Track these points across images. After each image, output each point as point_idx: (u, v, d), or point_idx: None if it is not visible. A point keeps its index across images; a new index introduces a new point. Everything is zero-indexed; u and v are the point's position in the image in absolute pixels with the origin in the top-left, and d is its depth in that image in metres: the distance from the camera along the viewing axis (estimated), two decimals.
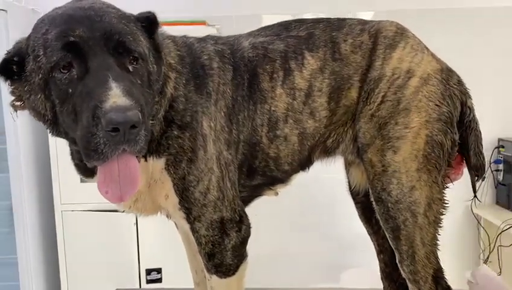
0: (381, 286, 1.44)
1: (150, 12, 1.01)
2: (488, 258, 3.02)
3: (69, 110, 0.89)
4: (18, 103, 1.03)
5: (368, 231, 1.42)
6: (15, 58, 0.95)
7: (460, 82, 1.18)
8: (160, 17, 1.03)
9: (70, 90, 0.89)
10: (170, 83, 1.06)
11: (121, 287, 1.72)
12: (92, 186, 2.99)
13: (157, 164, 1.07)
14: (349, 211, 1.43)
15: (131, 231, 2.80)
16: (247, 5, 3.15)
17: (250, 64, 1.16)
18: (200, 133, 1.07)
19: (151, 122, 0.99)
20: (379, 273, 1.44)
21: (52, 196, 2.78)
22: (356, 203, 1.39)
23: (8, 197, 2.68)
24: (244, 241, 1.14)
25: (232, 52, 1.17)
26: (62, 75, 0.89)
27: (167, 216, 1.23)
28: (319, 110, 1.18)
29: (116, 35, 0.90)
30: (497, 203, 3.26)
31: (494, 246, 2.96)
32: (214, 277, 1.14)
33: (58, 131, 0.96)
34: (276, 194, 1.27)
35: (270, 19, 3.21)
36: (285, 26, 1.24)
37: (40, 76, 0.91)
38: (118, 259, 2.82)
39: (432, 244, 1.18)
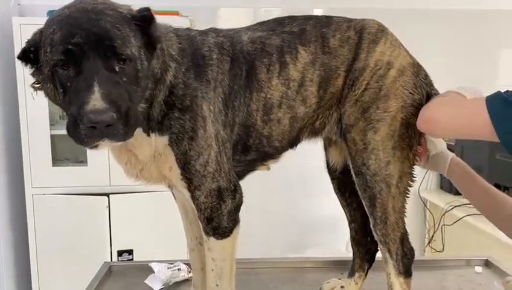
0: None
1: (147, 10, 1.11)
2: (432, 236, 3.36)
3: (66, 101, 1.06)
4: (37, 85, 1.15)
5: (341, 204, 1.60)
6: (32, 48, 1.09)
7: (426, 76, 1.38)
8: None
9: (69, 84, 1.04)
10: (170, 71, 1.19)
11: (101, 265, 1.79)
12: (63, 169, 3.01)
13: (160, 141, 1.21)
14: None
15: (103, 214, 2.84)
16: None
17: (248, 57, 1.29)
18: (200, 115, 1.21)
19: (143, 106, 1.15)
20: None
21: (23, 179, 2.79)
22: (332, 179, 1.57)
23: None
24: (237, 207, 1.29)
25: (232, 45, 1.29)
26: (62, 71, 1.05)
27: (169, 186, 1.36)
28: (310, 98, 1.34)
29: (107, 41, 1.03)
30: (441, 188, 3.61)
31: (438, 226, 3.29)
32: (212, 238, 1.28)
33: None
34: (268, 168, 1.43)
35: (241, 12, 3.38)
36: (279, 22, 1.37)
37: (48, 69, 1.07)
38: (90, 241, 2.86)
39: (401, 212, 1.38)
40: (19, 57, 1.11)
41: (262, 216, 3.34)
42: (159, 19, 1.23)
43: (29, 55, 1.09)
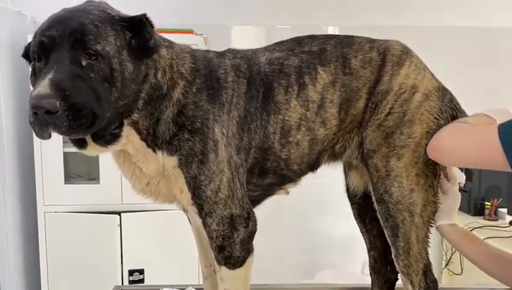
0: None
1: (141, 14, 1.10)
2: (450, 259, 3.26)
3: None
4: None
5: (361, 230, 1.55)
6: (30, 45, 1.12)
7: (451, 99, 1.34)
8: None
9: (38, 76, 1.04)
10: (177, 88, 1.17)
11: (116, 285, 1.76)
12: (75, 187, 3.00)
13: (169, 161, 1.17)
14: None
15: (115, 233, 2.81)
16: (235, 14, 3.25)
17: (266, 79, 1.26)
18: (212, 138, 1.17)
19: (138, 116, 1.13)
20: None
21: (35, 197, 2.77)
22: (352, 204, 1.52)
23: None
24: (251, 236, 1.24)
25: (249, 66, 1.27)
26: (38, 64, 1.06)
27: (184, 210, 1.32)
28: (329, 120, 1.30)
29: (77, 34, 1.02)
30: (458, 208, 3.52)
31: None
32: (224, 268, 1.23)
33: None
34: (287, 193, 1.39)
35: (254, 30, 3.38)
36: (298, 41, 1.34)
37: (32, 63, 1.09)
38: (101, 260, 2.82)
39: (424, 242, 1.33)
40: (22, 55, 1.15)
41: (274, 235, 3.27)
42: (174, 38, 1.24)
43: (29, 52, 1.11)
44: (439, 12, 3.34)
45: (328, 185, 2.48)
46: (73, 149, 2.98)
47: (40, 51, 1.04)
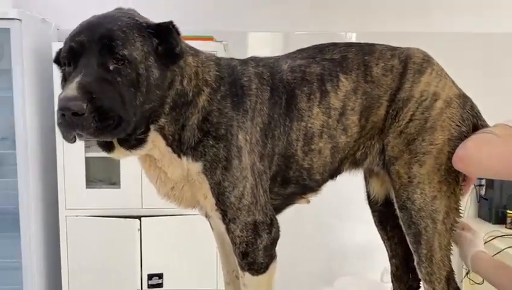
0: None
1: (168, 22, 1.13)
2: None
3: None
4: None
5: (382, 237, 1.55)
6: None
7: (472, 107, 1.33)
8: None
9: (67, 81, 1.07)
10: (203, 95, 1.19)
11: None
12: (96, 191, 3.05)
13: (194, 167, 1.20)
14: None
15: (134, 237, 2.83)
16: (252, 21, 3.27)
17: (288, 86, 1.28)
18: (235, 144, 1.19)
19: (164, 121, 1.15)
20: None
21: (57, 201, 2.81)
22: (373, 211, 1.52)
23: (15, 202, 2.71)
24: (274, 242, 1.26)
25: (271, 74, 1.29)
26: (68, 68, 1.09)
27: (206, 216, 1.33)
28: (351, 127, 1.31)
29: (106, 39, 1.05)
30: (479, 216, 3.47)
31: None
32: (247, 274, 1.25)
33: None
34: (308, 202, 1.40)
35: (272, 37, 3.39)
36: (319, 49, 1.36)
37: (63, 67, 1.12)
38: (120, 264, 2.85)
39: (447, 249, 1.32)
40: (54, 60, 1.18)
41: (292, 242, 3.26)
42: (194, 45, 1.26)
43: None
44: (459, 18, 3.31)
45: (346, 192, 2.47)
46: (95, 154, 3.04)
47: (70, 56, 1.07)
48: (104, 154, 1.19)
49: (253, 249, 1.22)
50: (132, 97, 1.06)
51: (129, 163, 1.30)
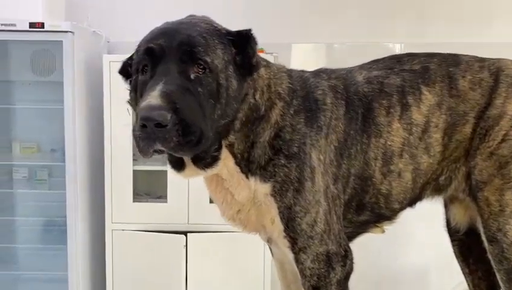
0: None
1: (247, 29, 1.06)
2: None
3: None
4: (130, 102, 1.13)
5: (463, 271, 1.40)
6: (129, 61, 1.09)
7: None
8: None
9: (143, 91, 0.99)
10: (275, 110, 1.11)
11: None
12: (144, 205, 3.01)
13: (262, 188, 1.11)
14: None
15: (180, 253, 2.78)
16: (298, 33, 3.18)
17: (365, 99, 1.18)
18: (308, 164, 1.09)
19: (234, 137, 1.07)
20: None
21: (104, 214, 2.79)
22: (453, 241, 1.38)
23: (62, 214, 2.70)
24: (347, 276, 1.15)
25: (345, 87, 1.19)
26: (141, 77, 1.01)
27: (268, 241, 1.23)
28: (433, 146, 1.18)
29: (186, 46, 0.98)
30: None
31: None
32: None
33: None
34: (383, 231, 1.26)
35: (314, 48, 3.29)
36: (397, 59, 1.25)
37: (134, 77, 1.05)
38: (165, 280, 2.79)
39: None
40: (119, 71, 1.12)
41: None
42: None
43: (127, 69, 1.10)
44: None
45: None
46: (143, 167, 2.98)
47: (149, 59, 0.99)
48: (151, 167, 1.12)
49: (326, 284, 1.11)
50: (212, 110, 0.99)
51: (176, 177, 1.21)
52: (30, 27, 2.45)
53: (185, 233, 2.78)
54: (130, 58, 1.09)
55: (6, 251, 2.96)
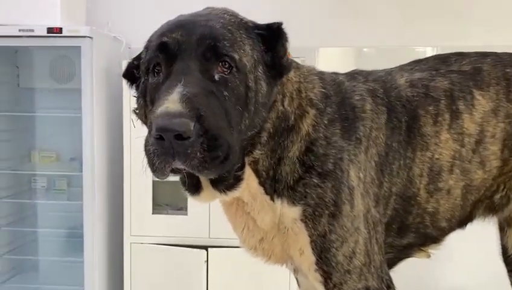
0: None
1: (278, 22, 0.90)
2: None
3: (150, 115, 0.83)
4: (137, 111, 0.97)
5: None
6: (135, 62, 0.94)
7: None
8: None
9: (156, 94, 0.82)
10: (307, 119, 0.95)
11: None
12: (163, 218, 2.91)
13: (290, 212, 0.95)
14: None
15: (201, 269, 2.66)
16: (322, 36, 3.06)
17: (409, 105, 1.01)
18: (347, 184, 0.93)
19: (260, 153, 0.91)
20: None
21: (123, 226, 2.70)
22: (510, 270, 1.19)
23: (79, 225, 2.62)
24: None
25: (386, 91, 1.03)
26: (152, 78, 0.84)
27: (294, 271, 1.07)
28: (490, 160, 1.02)
29: (209, 39, 0.81)
30: None
31: None
32: None
33: None
34: (429, 256, 1.09)
35: (342, 52, 3.14)
36: (442, 59, 1.09)
37: (142, 80, 0.89)
38: None
39: None
40: (123, 75, 0.98)
41: None
42: None
43: (133, 71, 0.94)
44: None
45: None
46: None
47: (163, 56, 0.82)
48: (172, 178, 0.93)
49: None
50: (238, 119, 0.82)
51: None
52: (48, 32, 2.39)
53: (206, 247, 2.66)
54: (137, 58, 0.94)
55: (28, 262, 2.92)
